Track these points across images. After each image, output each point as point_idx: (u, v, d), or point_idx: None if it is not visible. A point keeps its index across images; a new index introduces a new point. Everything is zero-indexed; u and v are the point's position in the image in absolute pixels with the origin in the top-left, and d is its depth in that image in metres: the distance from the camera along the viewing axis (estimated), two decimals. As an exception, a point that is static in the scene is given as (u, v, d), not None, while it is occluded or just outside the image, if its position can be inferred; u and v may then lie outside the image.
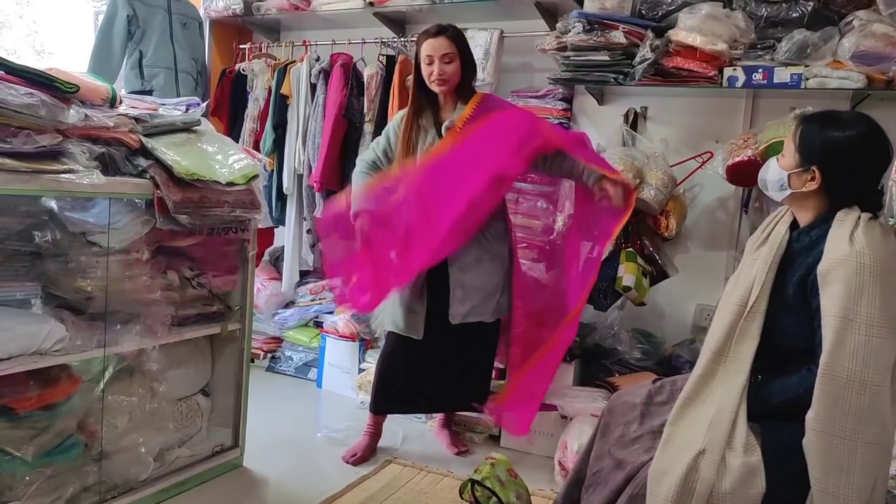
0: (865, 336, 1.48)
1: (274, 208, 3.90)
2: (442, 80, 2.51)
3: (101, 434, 2.11)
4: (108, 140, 2.06)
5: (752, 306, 1.66)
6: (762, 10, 2.78)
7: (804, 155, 1.67)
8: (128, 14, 3.66)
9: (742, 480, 1.53)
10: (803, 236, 1.68)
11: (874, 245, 1.53)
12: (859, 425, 1.47)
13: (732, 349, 1.67)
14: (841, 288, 1.51)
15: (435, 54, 2.49)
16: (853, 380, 1.47)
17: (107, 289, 2.07)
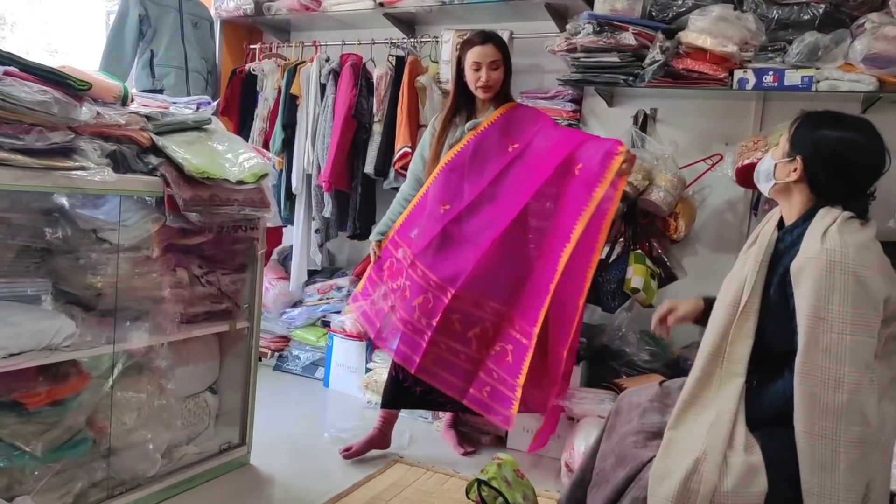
0: (838, 334, 1.47)
1: (283, 207, 3.92)
2: (488, 86, 2.59)
3: (109, 430, 2.13)
4: (120, 138, 2.07)
5: (744, 306, 1.65)
6: (773, 12, 2.77)
7: (793, 145, 1.68)
8: (139, 14, 3.69)
9: (744, 479, 1.53)
10: (787, 235, 1.68)
11: (846, 241, 1.52)
12: (840, 424, 1.46)
13: (728, 350, 1.66)
14: (811, 287, 1.50)
15: (483, 61, 2.56)
16: (828, 378, 1.47)
17: (116, 285, 2.08)
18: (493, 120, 2.61)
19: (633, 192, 2.84)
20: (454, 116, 2.70)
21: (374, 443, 2.81)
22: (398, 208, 2.80)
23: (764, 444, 1.58)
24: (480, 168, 2.59)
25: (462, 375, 2.59)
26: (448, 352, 2.59)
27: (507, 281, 2.55)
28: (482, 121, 2.63)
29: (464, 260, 2.52)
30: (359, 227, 3.73)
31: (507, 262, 2.54)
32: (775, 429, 1.59)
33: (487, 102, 2.65)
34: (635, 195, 2.86)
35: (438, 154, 2.68)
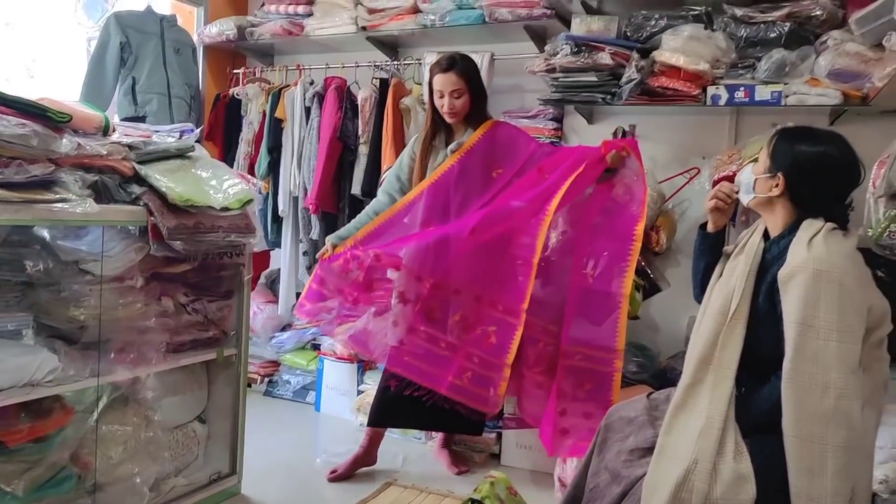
0: (824, 341, 1.52)
1: (270, 231, 3.93)
2: (452, 113, 2.61)
3: (94, 465, 2.09)
4: (102, 168, 2.07)
5: (734, 312, 1.69)
6: (742, 31, 2.84)
7: (774, 162, 1.74)
8: (121, 41, 3.70)
9: (733, 486, 1.55)
10: (774, 246, 1.73)
11: (832, 251, 1.57)
12: (827, 429, 1.49)
13: (717, 355, 1.70)
14: (799, 295, 1.55)
15: (445, 90, 2.58)
16: (815, 384, 1.51)
17: (100, 317, 2.06)
18: (476, 141, 2.62)
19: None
20: (433, 139, 2.72)
21: (360, 462, 2.81)
22: (364, 219, 2.77)
23: (754, 450, 1.60)
24: (466, 192, 2.60)
25: (441, 364, 2.53)
26: (427, 340, 2.57)
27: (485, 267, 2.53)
28: (465, 142, 2.63)
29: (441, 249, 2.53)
30: (346, 249, 3.74)
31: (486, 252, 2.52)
32: (765, 435, 1.62)
33: (461, 125, 2.67)
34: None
35: (421, 176, 2.70)
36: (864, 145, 1.71)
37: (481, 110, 2.68)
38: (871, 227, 2.19)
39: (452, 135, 2.70)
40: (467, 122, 2.66)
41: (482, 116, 2.68)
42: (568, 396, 2.46)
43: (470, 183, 2.61)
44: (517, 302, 2.45)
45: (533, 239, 2.44)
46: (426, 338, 2.58)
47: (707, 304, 1.82)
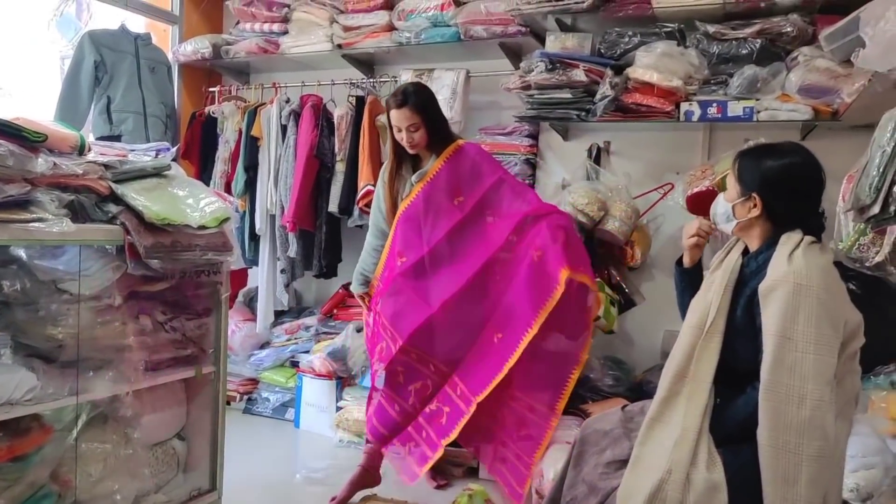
0: (802, 353, 1.55)
1: (247, 249, 3.92)
2: (411, 146, 2.63)
3: (74, 483, 2.08)
4: (78, 187, 2.06)
5: (709, 327, 1.72)
6: (714, 48, 2.90)
7: (744, 185, 1.78)
8: (95, 60, 3.69)
9: (705, 496, 1.58)
10: (752, 261, 1.77)
11: (811, 265, 1.61)
12: (802, 438, 1.53)
13: (693, 369, 1.73)
14: (779, 307, 1.59)
15: (401, 125, 2.59)
16: (792, 395, 1.54)
17: (78, 336, 2.05)
18: (437, 170, 2.64)
19: (590, 223, 2.92)
20: (399, 168, 2.74)
21: (360, 483, 2.73)
22: (370, 259, 2.82)
23: (727, 459, 1.63)
24: (434, 220, 2.63)
25: (390, 425, 2.64)
26: (387, 400, 2.67)
27: (454, 344, 2.59)
28: (427, 170, 2.65)
29: (414, 314, 2.59)
30: (325, 266, 3.75)
31: (457, 326, 2.58)
32: (740, 445, 1.65)
33: (425, 153, 2.68)
34: (591, 226, 2.94)
35: (394, 206, 2.73)
36: (835, 160, 1.77)
37: (443, 136, 2.67)
38: (841, 241, 2.25)
39: (420, 161, 2.72)
40: (430, 149, 2.66)
41: (445, 141, 2.68)
42: (508, 431, 2.60)
43: (437, 211, 2.64)
44: (474, 392, 2.50)
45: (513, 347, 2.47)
46: (386, 398, 2.67)
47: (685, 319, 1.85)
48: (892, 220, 1.71)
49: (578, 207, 2.88)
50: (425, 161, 2.69)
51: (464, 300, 2.56)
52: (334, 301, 3.87)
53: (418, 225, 2.65)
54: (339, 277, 3.89)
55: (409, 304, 2.61)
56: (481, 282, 2.58)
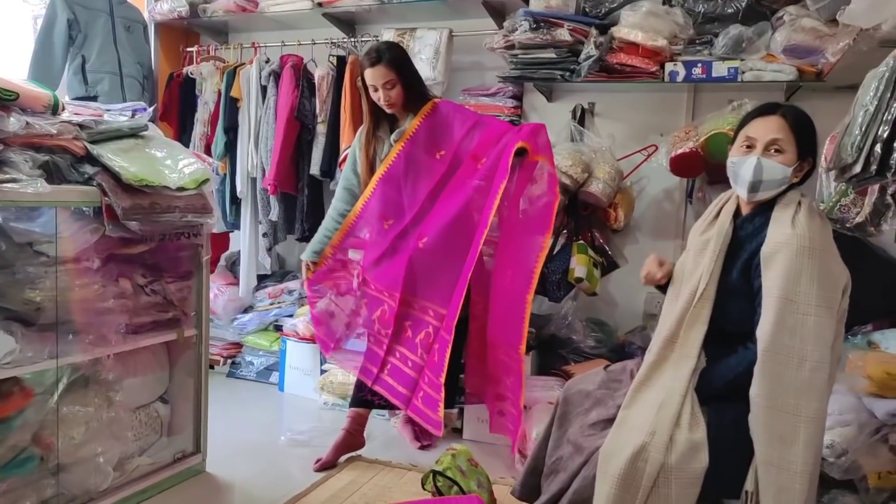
0: (803, 315, 1.56)
1: (228, 212, 3.89)
2: (388, 104, 2.59)
3: (57, 446, 2.08)
4: (52, 148, 2.03)
5: (701, 293, 1.73)
6: (699, 7, 2.89)
7: (804, 148, 1.74)
8: (68, 18, 3.59)
9: (686, 455, 1.60)
10: (747, 224, 1.77)
11: (814, 228, 1.63)
12: (801, 400, 1.55)
13: (683, 335, 1.74)
14: (782, 270, 1.59)
15: (377, 83, 2.55)
16: (792, 356, 1.56)
17: (56, 299, 2.04)
18: (416, 128, 2.61)
19: (574, 185, 2.91)
20: (376, 130, 2.70)
21: (345, 447, 2.74)
22: (333, 224, 2.78)
23: (711, 420, 1.65)
24: (414, 180, 2.62)
25: (409, 384, 2.60)
26: (401, 360, 2.64)
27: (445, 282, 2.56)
28: (406, 129, 2.62)
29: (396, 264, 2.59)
30: (307, 229, 3.72)
31: (444, 263, 2.56)
32: (724, 404, 1.67)
33: (402, 112, 2.64)
34: (575, 188, 2.93)
35: (370, 169, 2.69)
36: (819, 120, 1.75)
37: (419, 94, 2.64)
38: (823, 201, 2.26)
39: (396, 122, 2.68)
40: (407, 108, 2.63)
41: (422, 100, 2.65)
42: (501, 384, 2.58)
43: (417, 169, 2.62)
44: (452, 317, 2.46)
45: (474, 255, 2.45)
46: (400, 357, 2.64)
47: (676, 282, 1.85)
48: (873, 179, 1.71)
49: (562, 169, 2.87)
50: (402, 121, 2.66)
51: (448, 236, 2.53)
52: (316, 268, 3.85)
53: (398, 186, 2.63)
54: (321, 241, 3.87)
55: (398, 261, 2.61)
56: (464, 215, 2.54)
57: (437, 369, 2.48)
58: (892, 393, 2.04)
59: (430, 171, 2.62)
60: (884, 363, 2.09)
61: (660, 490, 1.59)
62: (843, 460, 2.01)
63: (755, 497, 1.59)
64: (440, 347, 2.49)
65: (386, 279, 2.63)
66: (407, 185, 2.63)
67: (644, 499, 1.59)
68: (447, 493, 2.19)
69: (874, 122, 1.66)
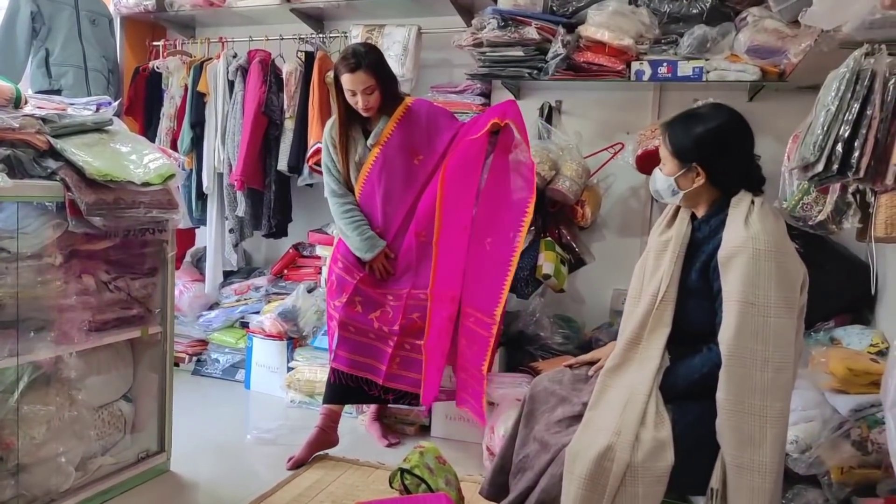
0: (764, 317, 1.59)
1: (194, 208, 3.85)
2: (367, 108, 2.57)
3: (17, 446, 2.05)
4: (14, 142, 2.00)
5: (663, 296, 1.75)
6: (665, 7, 2.93)
7: (681, 157, 1.78)
8: (31, 10, 3.52)
9: (652, 454, 1.62)
10: (703, 226, 1.79)
11: (768, 229, 1.64)
12: (766, 400, 1.57)
13: (646, 337, 1.77)
14: (740, 273, 1.61)
15: (356, 89, 2.53)
16: (756, 358, 1.58)
17: (17, 295, 2.00)
18: (392, 131, 2.62)
19: (541, 183, 2.93)
20: (348, 130, 2.67)
21: (318, 444, 2.72)
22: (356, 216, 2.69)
23: (676, 418, 1.67)
24: (389, 183, 2.63)
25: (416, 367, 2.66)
26: (414, 350, 2.67)
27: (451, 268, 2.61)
28: (382, 132, 2.62)
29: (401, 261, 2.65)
30: (274, 226, 3.70)
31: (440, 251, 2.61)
32: (688, 401, 1.70)
33: (376, 113, 2.63)
34: (543, 185, 2.95)
35: (346, 166, 2.69)
36: (781, 120, 1.81)
37: (393, 96, 2.64)
38: (785, 200, 2.31)
39: (368, 123, 2.67)
40: (381, 110, 2.62)
41: (395, 101, 2.65)
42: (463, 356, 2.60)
43: (392, 171, 2.62)
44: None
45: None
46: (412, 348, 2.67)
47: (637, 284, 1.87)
48: (834, 177, 1.75)
49: (530, 167, 2.89)
50: (374, 122, 2.66)
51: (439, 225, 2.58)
52: (284, 261, 3.83)
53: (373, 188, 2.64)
54: (289, 237, 3.85)
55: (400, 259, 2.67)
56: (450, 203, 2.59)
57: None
58: (855, 389, 2.07)
59: (409, 176, 2.64)
60: (846, 359, 2.12)
61: (627, 489, 1.60)
62: (807, 455, 2.04)
63: (721, 494, 1.62)
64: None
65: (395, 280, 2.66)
66: (380, 187, 2.63)
67: (611, 498, 1.60)
68: (415, 492, 2.19)
69: (835, 122, 1.70)
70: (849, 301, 2.69)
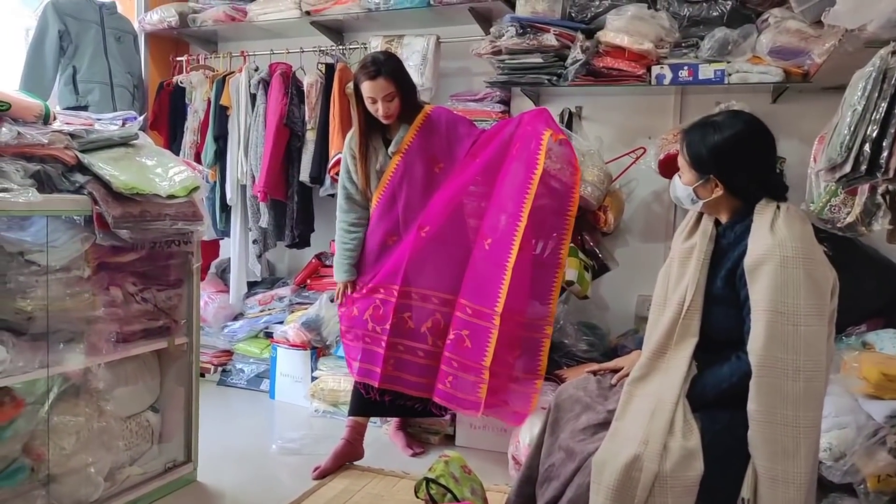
0: (794, 326, 1.56)
1: (218, 220, 3.88)
2: (387, 116, 2.58)
3: (47, 456, 2.07)
4: (44, 157, 2.03)
5: (689, 305, 1.73)
6: (685, 10, 2.91)
7: (698, 167, 1.76)
8: (59, 29, 3.60)
9: (681, 463, 1.59)
10: (728, 232, 1.76)
11: (795, 235, 1.61)
12: (799, 411, 1.54)
13: (673, 347, 1.74)
14: (768, 282, 1.58)
15: (377, 96, 2.53)
16: (787, 368, 1.55)
17: (48, 308, 2.03)
18: (412, 139, 2.63)
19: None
20: (369, 140, 2.68)
21: (344, 456, 2.73)
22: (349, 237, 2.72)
23: (704, 426, 1.64)
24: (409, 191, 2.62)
25: (424, 372, 2.61)
26: (407, 352, 2.63)
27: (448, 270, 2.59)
28: (403, 138, 2.63)
29: (397, 257, 2.59)
30: (297, 236, 3.73)
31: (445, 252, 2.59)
32: (717, 409, 1.67)
33: (396, 121, 2.64)
34: (565, 191, 2.93)
35: (366, 177, 2.68)
36: (806, 121, 1.78)
37: (413, 104, 2.65)
38: (812, 202, 2.27)
39: (388, 131, 2.68)
40: (400, 118, 2.63)
41: (415, 109, 2.66)
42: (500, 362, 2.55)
43: (412, 180, 2.63)
44: (490, 306, 2.49)
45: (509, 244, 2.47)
46: (405, 349, 2.64)
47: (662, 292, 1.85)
48: (862, 178, 1.72)
49: (551, 173, 2.88)
50: (394, 131, 2.66)
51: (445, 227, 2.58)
52: (307, 271, 3.85)
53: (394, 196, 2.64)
54: (311, 247, 3.87)
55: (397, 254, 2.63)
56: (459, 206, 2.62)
57: (476, 355, 2.50)
58: (889, 394, 2.02)
59: (430, 183, 2.63)
60: (879, 364, 2.08)
61: (655, 499, 1.58)
62: (842, 463, 2.00)
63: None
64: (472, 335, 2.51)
65: (382, 274, 2.62)
66: (401, 195, 2.63)
67: None
68: (440, 501, 2.17)
69: (863, 122, 1.67)
70: (881, 304, 2.64)
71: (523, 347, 2.63)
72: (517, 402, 2.63)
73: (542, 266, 2.61)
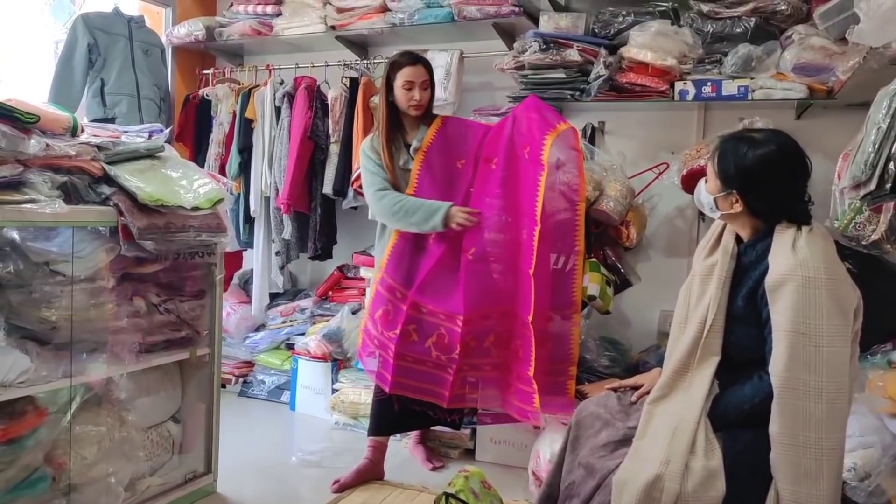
0: (815, 347, 1.53)
1: (242, 231, 3.92)
2: (420, 104, 2.63)
3: (69, 466, 2.09)
4: (71, 169, 2.06)
5: (711, 324, 1.71)
6: (708, 27, 2.89)
7: (723, 180, 1.74)
8: (88, 43, 3.66)
9: (703, 483, 1.57)
10: (750, 250, 1.74)
11: (817, 255, 1.59)
12: (822, 433, 1.52)
13: (695, 366, 1.72)
14: (790, 303, 1.56)
15: (416, 80, 2.60)
16: (810, 390, 1.53)
17: (72, 318, 2.06)
18: (432, 139, 2.67)
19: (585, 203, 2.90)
20: (391, 141, 2.68)
21: (366, 474, 2.71)
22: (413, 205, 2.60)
23: (726, 446, 1.62)
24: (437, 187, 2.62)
25: (495, 384, 2.62)
26: (472, 370, 2.59)
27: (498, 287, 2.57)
28: (424, 139, 2.66)
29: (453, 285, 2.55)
30: (320, 248, 3.75)
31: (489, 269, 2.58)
32: (738, 430, 1.65)
33: (416, 121, 2.69)
34: (587, 206, 2.92)
35: (393, 175, 2.66)
36: (830, 138, 1.76)
37: (431, 107, 2.74)
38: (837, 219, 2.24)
39: (406, 134, 2.71)
40: (422, 118, 2.69)
41: (432, 115, 2.74)
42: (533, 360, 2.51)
43: (436, 175, 2.65)
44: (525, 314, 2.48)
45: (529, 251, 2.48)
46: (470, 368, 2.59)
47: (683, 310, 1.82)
48: (887, 196, 1.69)
49: (573, 188, 2.87)
50: (413, 132, 2.70)
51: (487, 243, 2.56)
52: (329, 283, 3.87)
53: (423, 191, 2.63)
54: (333, 259, 3.89)
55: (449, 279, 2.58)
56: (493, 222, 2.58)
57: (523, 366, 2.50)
58: (916, 414, 2.00)
59: (454, 179, 2.65)
60: (905, 383, 2.05)
61: None
62: (867, 484, 1.96)
63: None
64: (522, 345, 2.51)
65: (446, 303, 2.54)
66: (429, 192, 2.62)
67: None
68: (460, 516, 2.17)
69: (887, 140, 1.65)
70: (906, 322, 2.60)
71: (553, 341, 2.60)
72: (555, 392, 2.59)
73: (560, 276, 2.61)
